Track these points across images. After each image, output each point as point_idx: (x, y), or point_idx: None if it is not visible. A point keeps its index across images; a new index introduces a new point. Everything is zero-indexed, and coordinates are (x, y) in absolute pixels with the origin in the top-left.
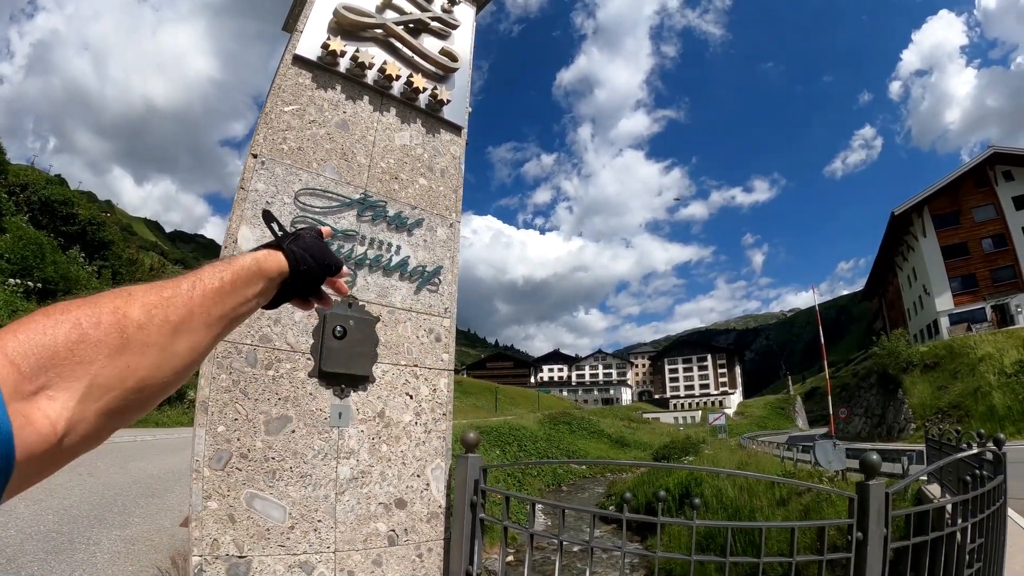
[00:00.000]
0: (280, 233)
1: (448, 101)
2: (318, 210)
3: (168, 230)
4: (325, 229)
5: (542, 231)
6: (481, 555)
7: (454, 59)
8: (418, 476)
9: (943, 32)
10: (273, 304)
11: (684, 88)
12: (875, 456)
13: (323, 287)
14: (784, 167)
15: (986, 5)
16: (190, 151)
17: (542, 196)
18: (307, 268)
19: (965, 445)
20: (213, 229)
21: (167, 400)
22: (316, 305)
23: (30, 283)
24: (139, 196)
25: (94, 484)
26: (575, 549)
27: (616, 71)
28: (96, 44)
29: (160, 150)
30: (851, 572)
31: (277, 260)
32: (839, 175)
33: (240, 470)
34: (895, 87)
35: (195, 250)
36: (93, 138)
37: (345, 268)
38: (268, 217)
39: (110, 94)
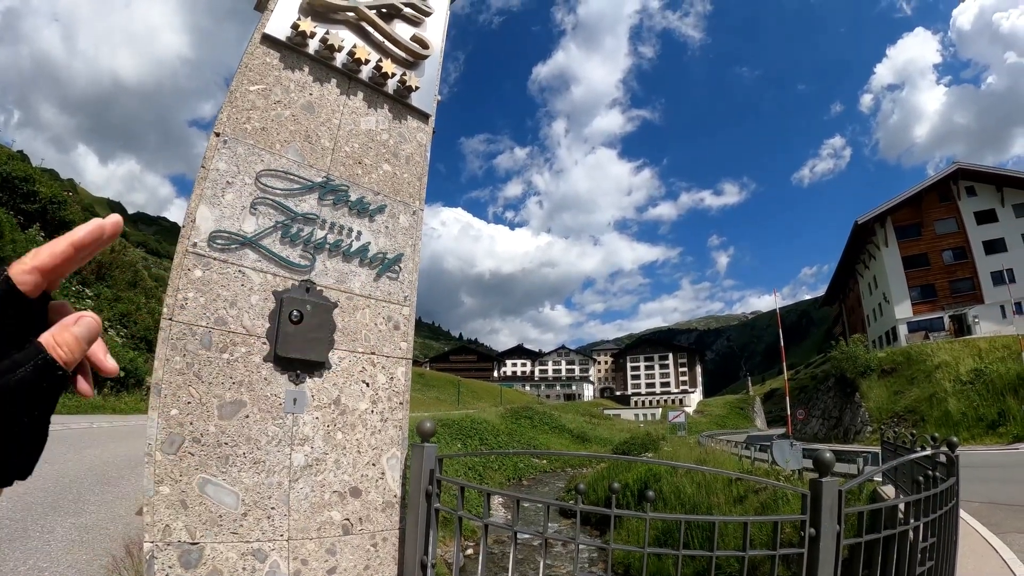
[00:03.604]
0: None
1: (417, 88)
2: (279, 192)
3: (131, 211)
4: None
5: (512, 226)
6: (436, 545)
7: (425, 46)
8: (373, 465)
9: (918, 49)
10: None
11: (660, 89)
12: (828, 454)
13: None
14: (754, 172)
15: (961, 25)
16: (157, 130)
17: (513, 189)
18: None
19: (919, 448)
20: (177, 212)
21: (124, 386)
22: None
23: None
24: (103, 175)
25: (49, 471)
26: (535, 543)
27: (593, 69)
28: (66, 15)
29: (126, 128)
30: (804, 568)
31: None
32: (807, 182)
33: (193, 455)
34: (866, 99)
35: (157, 232)
36: (58, 113)
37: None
38: None
39: (78, 68)
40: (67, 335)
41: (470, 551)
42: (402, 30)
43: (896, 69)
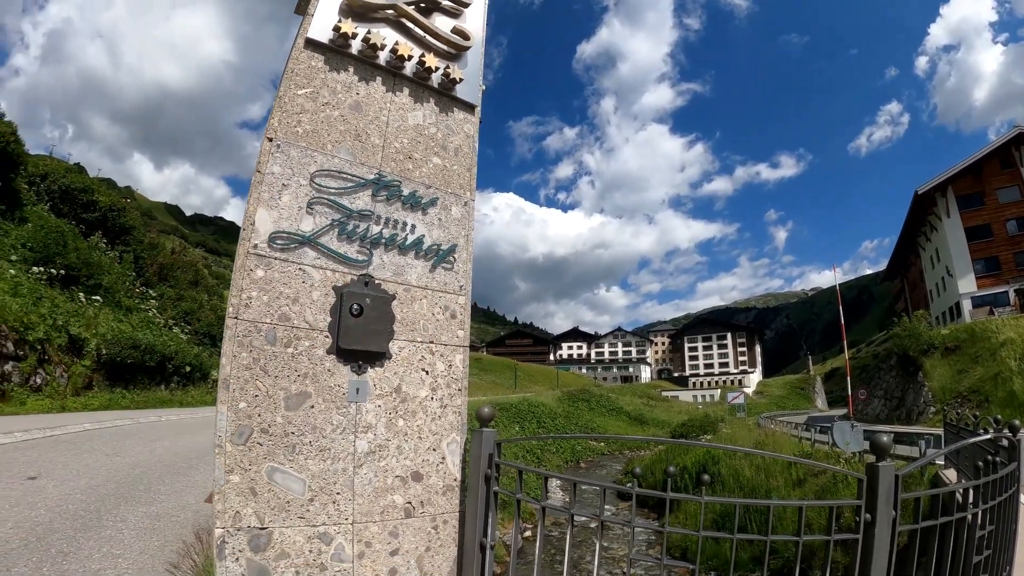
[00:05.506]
0: None
1: (461, 80)
2: (334, 191)
3: (188, 213)
4: None
5: (564, 208)
6: (495, 527)
7: (466, 37)
8: (434, 450)
9: (972, 7)
10: None
11: (709, 61)
12: (886, 437)
13: None
14: (810, 142)
15: None
16: (208, 134)
17: (564, 171)
18: None
19: (982, 431)
20: (233, 211)
21: (190, 380)
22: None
23: (53, 270)
24: (158, 181)
25: (120, 463)
26: (591, 525)
27: (639, 44)
28: (109, 31)
29: (177, 134)
30: (859, 553)
31: None
32: (864, 152)
33: (261, 445)
34: (921, 62)
35: (215, 232)
36: (110, 125)
37: None
38: None
39: (125, 80)
40: None
41: (528, 532)
42: (442, 23)
43: (950, 29)
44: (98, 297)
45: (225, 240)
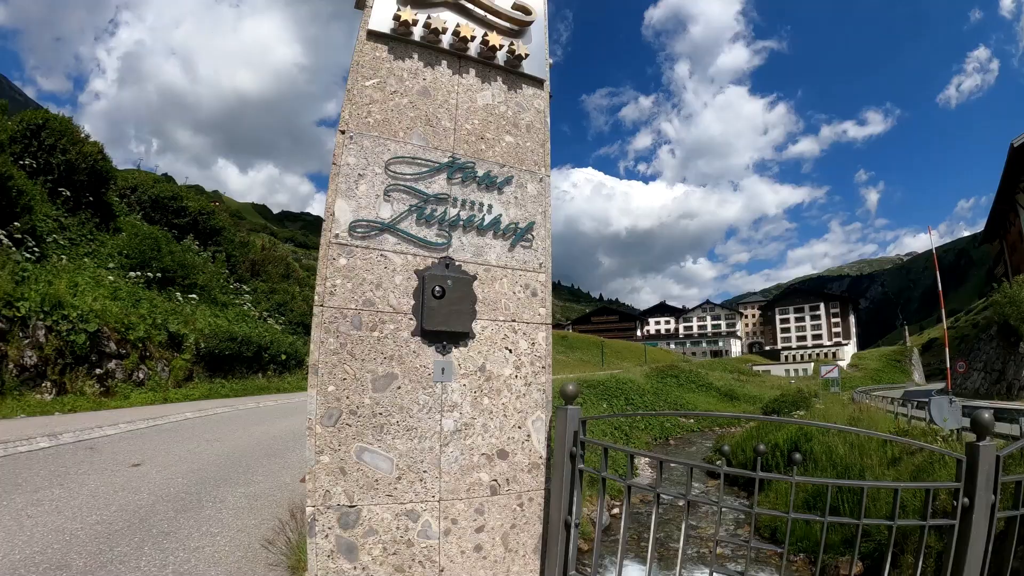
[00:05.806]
0: None
1: (527, 55)
2: (409, 177)
3: (275, 211)
4: None
5: (645, 180)
6: (580, 505)
7: (528, 12)
8: (519, 428)
9: None
10: None
11: (783, 15)
12: (987, 415)
13: None
14: (896, 96)
15: None
16: (288, 135)
17: (642, 141)
18: None
19: None
20: (319, 206)
21: (286, 367)
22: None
23: (149, 274)
24: (244, 183)
25: (220, 448)
26: (679, 503)
27: (708, 4)
28: (181, 48)
29: (258, 138)
30: (954, 540)
31: None
32: (954, 103)
33: (350, 426)
34: (1007, 2)
35: (303, 227)
36: (193, 135)
37: None
38: None
39: (203, 92)
40: None
41: (616, 510)
42: (501, 1)
43: None
44: (194, 295)
45: (313, 234)
